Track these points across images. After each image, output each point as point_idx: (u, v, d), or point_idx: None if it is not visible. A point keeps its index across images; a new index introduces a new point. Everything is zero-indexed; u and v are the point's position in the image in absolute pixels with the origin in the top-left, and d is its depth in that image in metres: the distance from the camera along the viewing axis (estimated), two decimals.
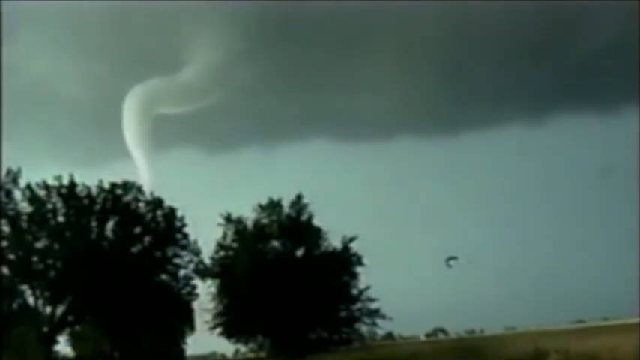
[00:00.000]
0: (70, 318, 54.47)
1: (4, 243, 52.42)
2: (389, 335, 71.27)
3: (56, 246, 53.04)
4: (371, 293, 58.68)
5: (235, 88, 75.19)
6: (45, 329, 52.80)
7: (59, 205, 53.25)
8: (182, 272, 57.13)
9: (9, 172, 53.05)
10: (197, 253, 57.42)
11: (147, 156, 67.03)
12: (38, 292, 52.91)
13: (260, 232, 59.03)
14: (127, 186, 55.30)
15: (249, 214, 59.39)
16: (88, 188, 54.00)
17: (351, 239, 58.88)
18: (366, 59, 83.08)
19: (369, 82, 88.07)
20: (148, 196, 56.25)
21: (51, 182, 53.24)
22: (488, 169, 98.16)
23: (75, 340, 58.18)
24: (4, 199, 52.73)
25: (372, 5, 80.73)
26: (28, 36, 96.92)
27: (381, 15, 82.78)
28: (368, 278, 58.86)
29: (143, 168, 65.45)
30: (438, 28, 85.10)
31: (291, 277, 56.22)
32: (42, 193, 53.09)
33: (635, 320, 46.89)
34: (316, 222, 59.57)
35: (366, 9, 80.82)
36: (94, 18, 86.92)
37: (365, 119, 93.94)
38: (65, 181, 53.38)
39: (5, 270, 52.52)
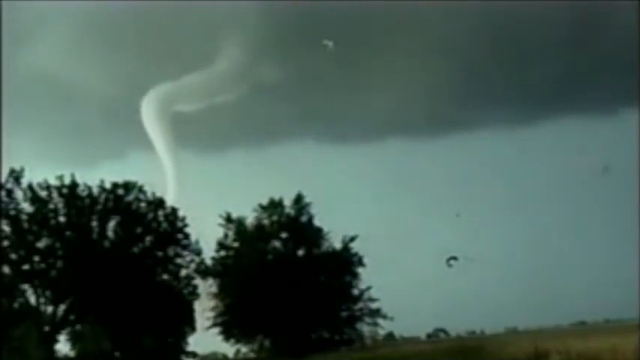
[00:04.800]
0: (71, 317, 54.52)
1: (6, 242, 52.50)
2: (390, 336, 71.35)
3: (57, 246, 53.16)
4: (372, 293, 58.97)
5: (233, 91, 75.13)
6: (46, 328, 52.87)
7: (60, 204, 53.37)
8: (183, 272, 57.26)
9: (11, 171, 53.16)
10: (198, 253, 57.55)
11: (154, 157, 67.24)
12: (39, 292, 52.96)
13: (260, 232, 59.17)
14: (128, 186, 55.37)
15: (247, 215, 59.77)
16: (90, 188, 54.11)
17: (352, 239, 59.06)
18: (360, 60, 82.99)
19: (364, 83, 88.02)
20: (171, 197, 56.97)
21: (52, 182, 53.48)
22: (489, 169, 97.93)
23: (76, 340, 58.20)
24: (5, 199, 52.82)
25: (367, 6, 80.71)
26: (44, 34, 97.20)
27: (376, 16, 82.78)
28: (369, 278, 59.11)
29: (169, 168, 65.60)
30: (432, 29, 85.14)
31: (292, 277, 56.34)
32: (43, 193, 53.20)
33: (636, 321, 46.82)
34: (315, 222, 59.87)
35: (361, 10, 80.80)
36: (107, 18, 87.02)
37: (362, 120, 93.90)
38: (66, 181, 53.58)
39: (6, 269, 52.60)
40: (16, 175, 52.76)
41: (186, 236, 56.94)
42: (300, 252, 59.62)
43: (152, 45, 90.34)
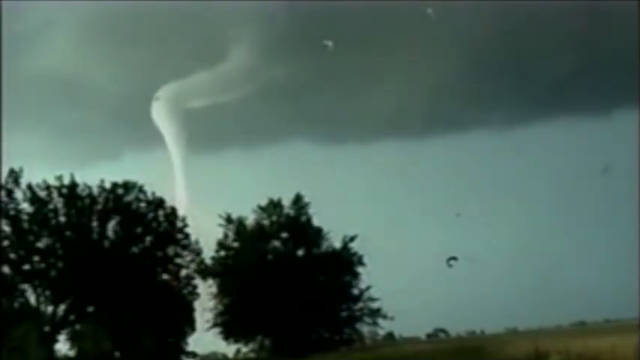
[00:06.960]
0: (71, 317, 54.60)
1: (6, 243, 52.54)
2: (390, 335, 71.31)
3: (57, 246, 53.21)
4: (372, 293, 58.96)
5: (234, 91, 75.14)
6: (46, 328, 52.95)
7: (60, 204, 53.42)
8: (183, 272, 57.27)
9: (10, 171, 53.18)
10: (198, 252, 57.58)
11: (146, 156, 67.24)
12: (39, 292, 53.05)
13: (260, 232, 59.17)
14: (128, 186, 55.40)
15: (247, 215, 59.78)
16: (90, 188, 54.15)
17: (352, 239, 59.05)
18: (360, 60, 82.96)
19: (364, 83, 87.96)
20: (179, 195, 57.13)
21: (52, 182, 53.51)
22: (488, 169, 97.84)
23: (76, 340, 58.19)
24: (5, 199, 52.87)
25: (367, 6, 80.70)
26: (45, 33, 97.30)
27: (376, 16, 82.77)
28: (369, 278, 59.08)
29: (177, 167, 65.59)
30: (429, 29, 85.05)
31: (292, 278, 56.32)
32: (43, 193, 53.23)
33: (636, 321, 46.84)
34: (315, 222, 59.87)
35: (361, 10, 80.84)
36: (111, 17, 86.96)
37: (361, 120, 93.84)
38: (66, 181, 53.61)
39: (6, 269, 52.65)
40: (15, 176, 52.82)
41: (187, 236, 57.02)
42: (300, 252, 59.62)
43: (156, 45, 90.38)
